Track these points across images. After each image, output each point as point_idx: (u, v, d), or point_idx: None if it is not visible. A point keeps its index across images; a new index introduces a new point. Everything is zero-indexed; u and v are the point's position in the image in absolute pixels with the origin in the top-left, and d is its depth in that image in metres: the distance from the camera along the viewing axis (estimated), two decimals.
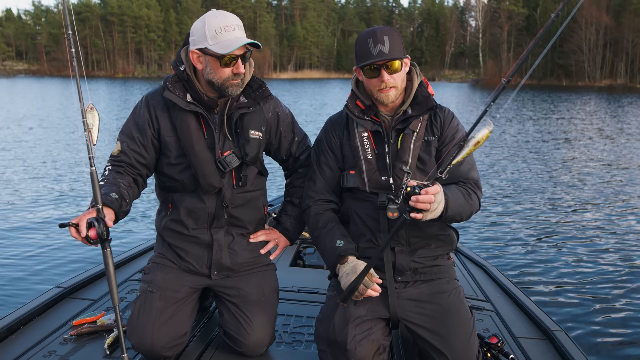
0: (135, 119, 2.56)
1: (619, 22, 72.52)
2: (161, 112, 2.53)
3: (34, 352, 2.51)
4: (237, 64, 2.39)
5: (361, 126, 2.46)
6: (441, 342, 2.26)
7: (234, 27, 2.38)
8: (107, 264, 2.15)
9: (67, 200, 9.00)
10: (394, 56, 2.29)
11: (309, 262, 4.04)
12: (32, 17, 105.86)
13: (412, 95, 2.44)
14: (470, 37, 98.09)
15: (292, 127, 2.77)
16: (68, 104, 29.78)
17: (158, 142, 2.57)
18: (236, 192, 2.59)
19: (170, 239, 2.64)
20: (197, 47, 2.40)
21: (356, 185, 2.45)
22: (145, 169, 2.58)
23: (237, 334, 2.53)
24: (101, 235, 2.11)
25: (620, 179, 10.94)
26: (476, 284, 3.51)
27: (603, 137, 17.99)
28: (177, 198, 2.60)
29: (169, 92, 2.45)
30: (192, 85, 2.48)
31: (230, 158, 2.50)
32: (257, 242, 2.73)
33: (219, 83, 2.42)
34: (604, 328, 4.42)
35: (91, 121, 2.09)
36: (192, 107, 2.46)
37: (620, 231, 7.23)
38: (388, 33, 2.31)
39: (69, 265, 5.86)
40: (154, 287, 2.54)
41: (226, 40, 2.35)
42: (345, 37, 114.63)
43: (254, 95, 2.57)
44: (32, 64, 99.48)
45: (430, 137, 2.42)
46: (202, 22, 2.40)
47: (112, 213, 2.24)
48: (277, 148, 2.76)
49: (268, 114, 2.65)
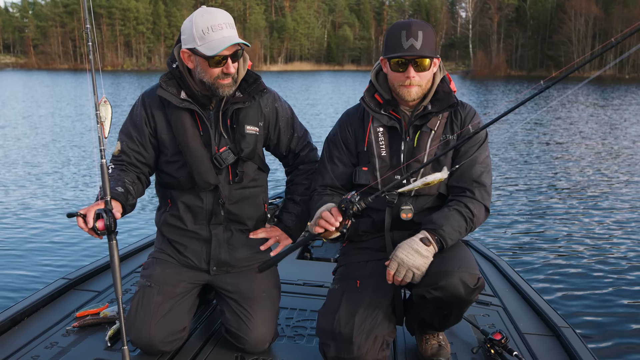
0: (132, 118, 2.56)
1: (608, 12, 72.66)
2: (157, 110, 2.52)
3: (36, 343, 2.53)
4: (226, 64, 2.36)
5: (377, 121, 2.40)
6: (439, 263, 2.15)
7: (221, 26, 2.33)
8: (113, 255, 2.14)
9: (75, 193, 9.01)
10: (425, 54, 2.22)
11: (316, 255, 4.03)
12: (19, 10, 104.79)
13: (433, 90, 2.37)
14: (461, 29, 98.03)
15: (292, 123, 2.73)
16: (72, 99, 29.77)
17: (156, 140, 2.56)
18: (233, 189, 2.57)
19: (170, 234, 2.64)
20: (186, 46, 2.38)
21: (368, 182, 2.39)
22: (147, 167, 2.58)
23: (238, 331, 2.51)
24: (109, 227, 2.11)
25: (633, 175, 10.87)
26: (485, 279, 3.45)
27: (612, 130, 17.96)
28: (175, 194, 2.59)
29: (162, 90, 2.44)
30: (186, 82, 2.46)
31: (226, 154, 2.49)
32: (257, 238, 2.70)
33: (210, 83, 2.39)
34: (613, 326, 4.40)
35: (104, 114, 2.08)
36: (186, 104, 2.44)
37: (638, 232, 7.17)
38: (423, 28, 2.22)
39: (77, 257, 5.87)
40: (152, 281, 2.53)
41: (214, 41, 2.31)
42: (336, 29, 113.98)
43: (249, 89, 2.53)
44: (20, 57, 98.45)
45: (449, 135, 2.35)
46: (190, 21, 2.36)
47: (119, 205, 2.23)
48: (276, 144, 2.72)
49: (266, 108, 2.61)
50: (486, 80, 58.24)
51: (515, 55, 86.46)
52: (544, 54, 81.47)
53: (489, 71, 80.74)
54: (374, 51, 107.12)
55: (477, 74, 78.50)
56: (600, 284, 5.31)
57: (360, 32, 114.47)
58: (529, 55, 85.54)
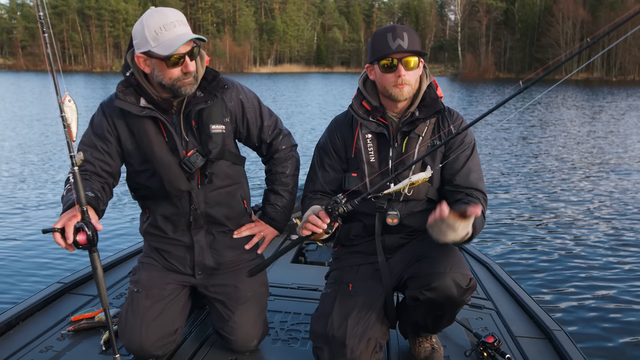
0: (94, 129, 2.44)
1: (595, 15, 73.32)
2: (118, 119, 2.41)
3: (31, 347, 2.53)
4: (185, 63, 2.25)
5: (365, 127, 2.41)
6: (431, 265, 2.17)
7: (174, 24, 2.22)
8: (96, 267, 2.05)
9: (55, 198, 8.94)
10: (415, 49, 2.25)
11: (310, 258, 4.04)
12: (7, 11, 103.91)
13: (420, 96, 2.38)
14: (450, 31, 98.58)
15: (260, 112, 2.62)
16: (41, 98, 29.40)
17: (121, 149, 2.47)
18: (207, 191, 2.50)
19: (153, 242, 2.60)
20: (140, 50, 2.25)
21: (358, 188, 2.40)
22: (111, 177, 2.46)
23: (224, 331, 2.52)
24: (92, 241, 1.99)
25: (627, 177, 10.88)
26: (478, 282, 3.46)
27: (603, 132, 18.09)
28: (151, 205, 2.54)
29: (120, 100, 2.33)
30: (143, 89, 2.34)
31: (195, 157, 2.40)
32: (241, 238, 2.65)
33: (170, 84, 2.28)
34: (605, 328, 4.43)
35: (69, 115, 1.93)
36: (147, 111, 2.33)
37: (629, 233, 7.20)
38: (407, 30, 2.26)
39: (71, 261, 5.83)
40: (139, 286, 2.49)
41: (168, 40, 2.20)
42: (325, 31, 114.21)
43: (209, 87, 2.43)
44: (8, 59, 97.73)
45: (437, 141, 2.36)
46: (140, 23, 2.24)
47: (95, 214, 2.10)
48: (246, 135, 2.63)
49: (230, 102, 2.51)
50: (475, 83, 58.58)
51: (503, 58, 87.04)
52: (532, 57, 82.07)
53: (478, 73, 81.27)
54: (364, 53, 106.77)
55: (466, 76, 78.99)
56: (592, 287, 5.34)
57: (350, 34, 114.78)
58: (517, 57, 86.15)
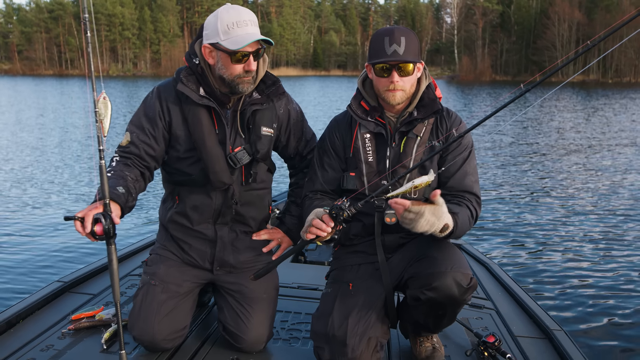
0: (145, 110, 2.50)
1: (590, 18, 73.59)
2: (173, 104, 2.48)
3: (31, 346, 2.52)
4: (248, 61, 2.35)
5: (363, 127, 2.43)
6: (432, 264, 2.19)
7: (246, 22, 2.33)
8: (112, 260, 2.11)
9: (73, 193, 8.98)
10: (408, 59, 2.26)
11: (310, 258, 4.06)
12: (3, 15, 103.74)
13: (419, 96, 2.41)
14: (446, 34, 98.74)
15: (302, 126, 2.73)
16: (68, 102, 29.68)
17: (168, 135, 2.52)
18: (244, 190, 2.58)
19: (175, 232, 2.63)
20: (209, 41, 2.36)
21: (356, 187, 2.43)
22: (154, 161, 2.51)
23: (236, 330, 2.53)
24: (107, 232, 2.05)
25: (627, 177, 10.91)
26: (478, 282, 3.46)
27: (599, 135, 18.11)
28: (184, 191, 2.58)
29: (183, 85, 2.40)
30: (206, 79, 2.43)
31: (241, 154, 2.48)
32: (259, 240, 2.72)
33: (230, 79, 2.37)
34: (605, 328, 4.43)
35: (103, 111, 2.01)
36: (205, 101, 2.41)
37: (627, 233, 7.21)
38: (405, 34, 2.27)
39: (72, 260, 5.84)
40: (156, 279, 2.53)
41: (238, 36, 2.30)
42: (322, 34, 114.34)
43: (267, 91, 2.53)
44: (4, 63, 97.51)
45: (435, 142, 2.39)
46: (215, 16, 2.35)
47: (118, 209, 2.17)
48: (285, 145, 2.72)
49: (280, 110, 2.61)
50: (471, 85, 58.64)
51: (500, 60, 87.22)
52: (529, 59, 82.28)
53: (474, 76, 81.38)
54: (360, 56, 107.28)
55: (463, 79, 79.08)
56: (592, 286, 5.34)
57: (346, 37, 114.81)
58: (514, 60, 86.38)
